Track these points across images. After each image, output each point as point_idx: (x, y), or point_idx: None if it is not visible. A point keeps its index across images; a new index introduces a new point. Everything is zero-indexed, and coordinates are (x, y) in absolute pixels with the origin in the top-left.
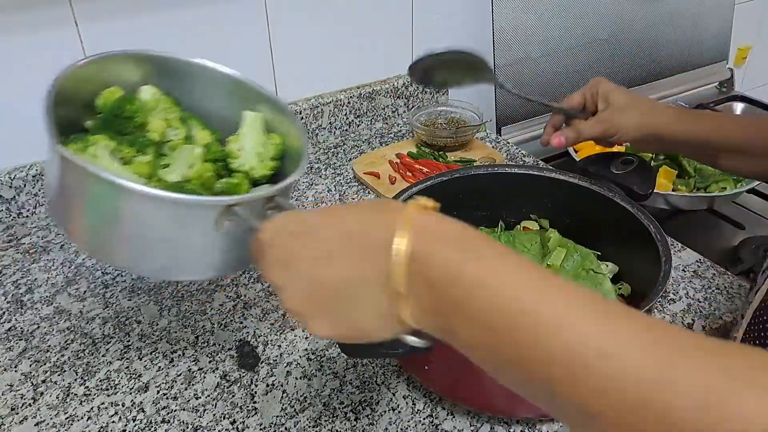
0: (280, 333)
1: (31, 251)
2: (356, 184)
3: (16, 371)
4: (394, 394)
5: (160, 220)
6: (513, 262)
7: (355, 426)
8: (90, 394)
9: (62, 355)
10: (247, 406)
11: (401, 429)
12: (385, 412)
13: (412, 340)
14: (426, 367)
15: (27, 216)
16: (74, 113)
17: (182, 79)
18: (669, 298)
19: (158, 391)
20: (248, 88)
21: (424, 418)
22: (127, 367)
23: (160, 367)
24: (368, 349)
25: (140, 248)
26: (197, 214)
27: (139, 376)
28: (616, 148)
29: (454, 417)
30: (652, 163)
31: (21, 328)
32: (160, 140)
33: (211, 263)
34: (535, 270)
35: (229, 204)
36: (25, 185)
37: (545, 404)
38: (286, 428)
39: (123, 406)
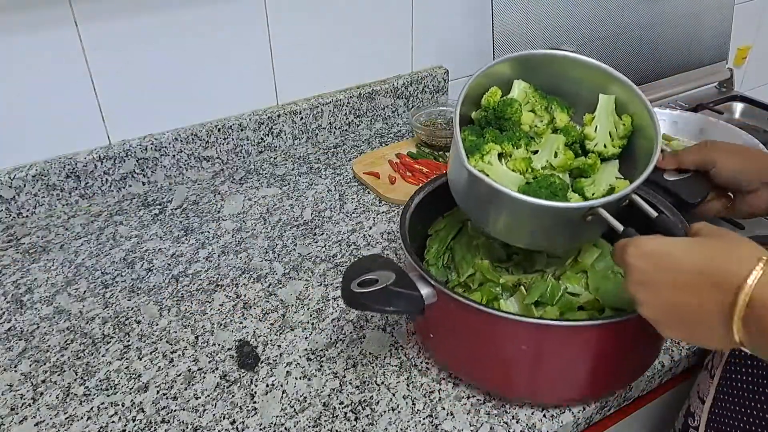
0: (280, 333)
1: (30, 251)
2: (356, 184)
3: (15, 371)
4: (394, 395)
5: (534, 218)
6: None
7: (355, 426)
8: (90, 394)
9: (62, 355)
10: (247, 406)
11: (401, 429)
12: (385, 412)
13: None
14: (431, 335)
15: (27, 216)
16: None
17: (541, 68)
18: None
19: (158, 391)
20: (601, 71)
21: (424, 418)
22: (126, 367)
23: (159, 367)
24: None
25: (517, 230)
26: (567, 214)
27: (139, 376)
28: None
29: (454, 417)
30: None
31: (21, 328)
32: (529, 130)
33: (565, 243)
34: None
35: (593, 206)
36: (24, 185)
37: None
38: (285, 428)
39: (123, 406)
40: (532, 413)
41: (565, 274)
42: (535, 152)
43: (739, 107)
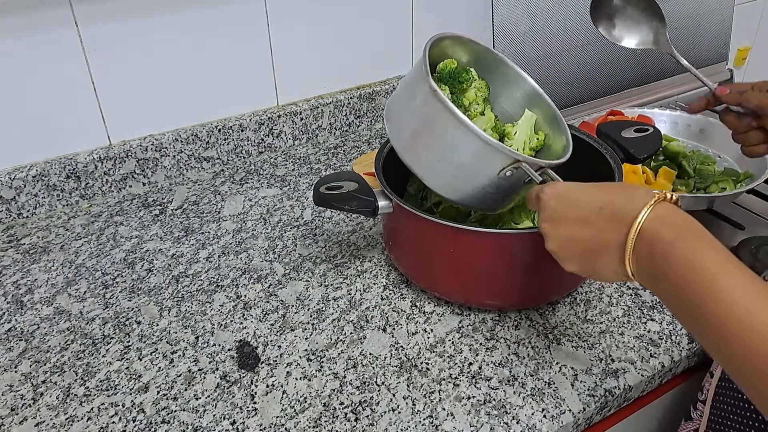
0: (280, 333)
1: (31, 252)
2: None
3: (16, 372)
4: (394, 395)
5: (468, 151)
6: (713, 250)
7: (355, 426)
8: (90, 395)
9: (62, 356)
10: (247, 407)
11: (401, 429)
12: (385, 412)
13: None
14: (390, 243)
15: (27, 216)
16: None
17: (493, 71)
18: None
19: (158, 392)
20: (537, 96)
21: (424, 419)
22: (127, 368)
23: (160, 367)
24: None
25: (438, 164)
26: (495, 157)
27: (139, 376)
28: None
29: (454, 418)
30: (652, 164)
31: (21, 328)
32: (466, 107)
33: (475, 195)
34: (720, 257)
35: (522, 160)
36: (25, 186)
37: (711, 349)
38: (286, 429)
39: (123, 406)
40: (533, 414)
41: (518, 212)
42: None
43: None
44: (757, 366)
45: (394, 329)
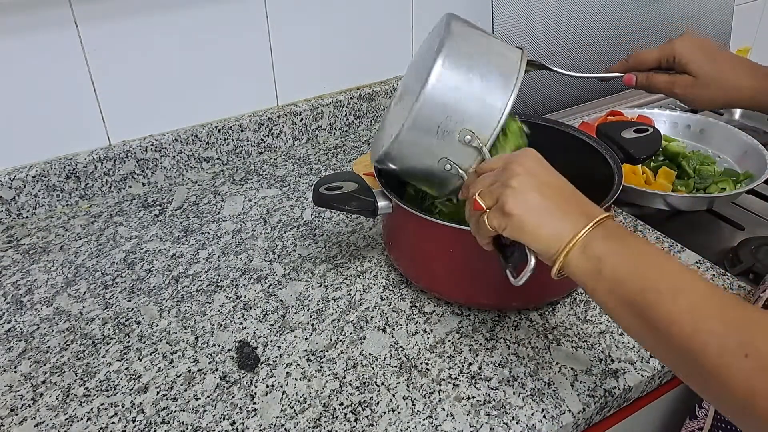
0: (280, 334)
1: (30, 252)
2: None
3: (15, 372)
4: (393, 395)
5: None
6: (653, 255)
7: (354, 427)
8: (90, 395)
9: (62, 356)
10: (247, 407)
11: (401, 430)
12: (384, 413)
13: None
14: (390, 243)
15: (27, 217)
16: None
17: None
18: None
19: (158, 392)
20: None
21: (424, 419)
22: (126, 368)
23: (159, 368)
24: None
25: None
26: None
27: (139, 377)
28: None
29: (453, 418)
30: (652, 164)
31: (21, 329)
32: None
33: (425, 175)
34: (660, 257)
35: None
36: (25, 186)
37: (648, 344)
38: (285, 429)
39: (123, 407)
40: (532, 414)
41: None
42: None
43: (739, 108)
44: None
45: (393, 329)
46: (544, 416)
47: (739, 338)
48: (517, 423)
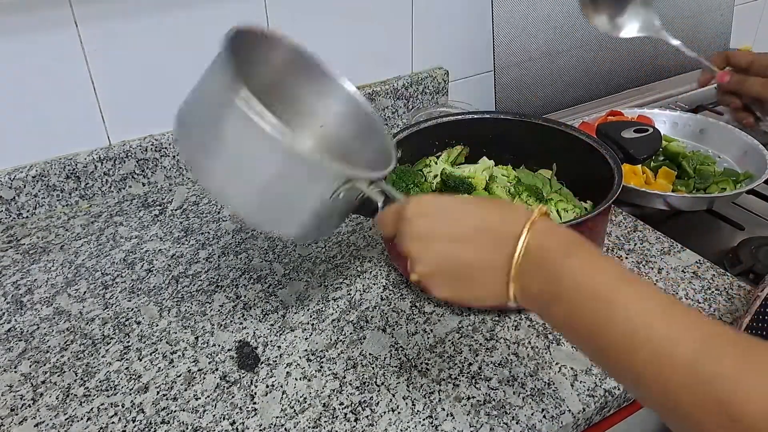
0: (280, 334)
1: (30, 252)
2: None
3: (15, 372)
4: (393, 395)
5: (295, 173)
6: (605, 261)
7: (354, 427)
8: (90, 395)
9: (62, 356)
10: (247, 407)
11: (401, 430)
12: (384, 413)
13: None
14: (390, 243)
15: (27, 217)
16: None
17: (308, 76)
18: None
19: (158, 392)
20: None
21: (424, 419)
22: (126, 368)
23: (159, 367)
24: None
25: (260, 192)
26: (323, 177)
27: (139, 376)
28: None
29: (453, 418)
30: (652, 164)
31: (20, 328)
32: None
33: (306, 223)
34: (615, 270)
35: (353, 176)
36: (24, 186)
37: (610, 370)
38: (285, 429)
39: (123, 407)
40: (532, 414)
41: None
42: None
43: None
44: (667, 377)
45: (393, 329)
46: (544, 416)
47: (714, 393)
48: (517, 423)
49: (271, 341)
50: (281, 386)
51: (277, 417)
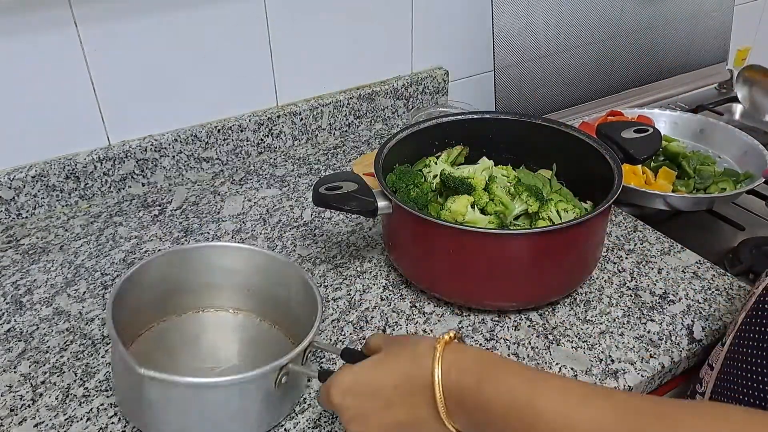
0: None
1: (30, 252)
2: None
3: (15, 372)
4: None
5: (231, 398)
6: (516, 375)
7: None
8: (89, 395)
9: (61, 356)
10: None
11: None
12: None
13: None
14: (390, 243)
15: (26, 217)
16: None
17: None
18: (669, 299)
19: None
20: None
21: None
22: None
23: None
24: None
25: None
26: (258, 383)
27: None
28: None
29: None
30: (652, 164)
31: (20, 329)
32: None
33: (264, 419)
34: (528, 375)
35: (283, 364)
36: (24, 186)
37: None
38: (285, 429)
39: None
40: None
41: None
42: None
43: (739, 108)
44: None
45: (393, 330)
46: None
47: None
48: None
49: None
50: None
51: None
